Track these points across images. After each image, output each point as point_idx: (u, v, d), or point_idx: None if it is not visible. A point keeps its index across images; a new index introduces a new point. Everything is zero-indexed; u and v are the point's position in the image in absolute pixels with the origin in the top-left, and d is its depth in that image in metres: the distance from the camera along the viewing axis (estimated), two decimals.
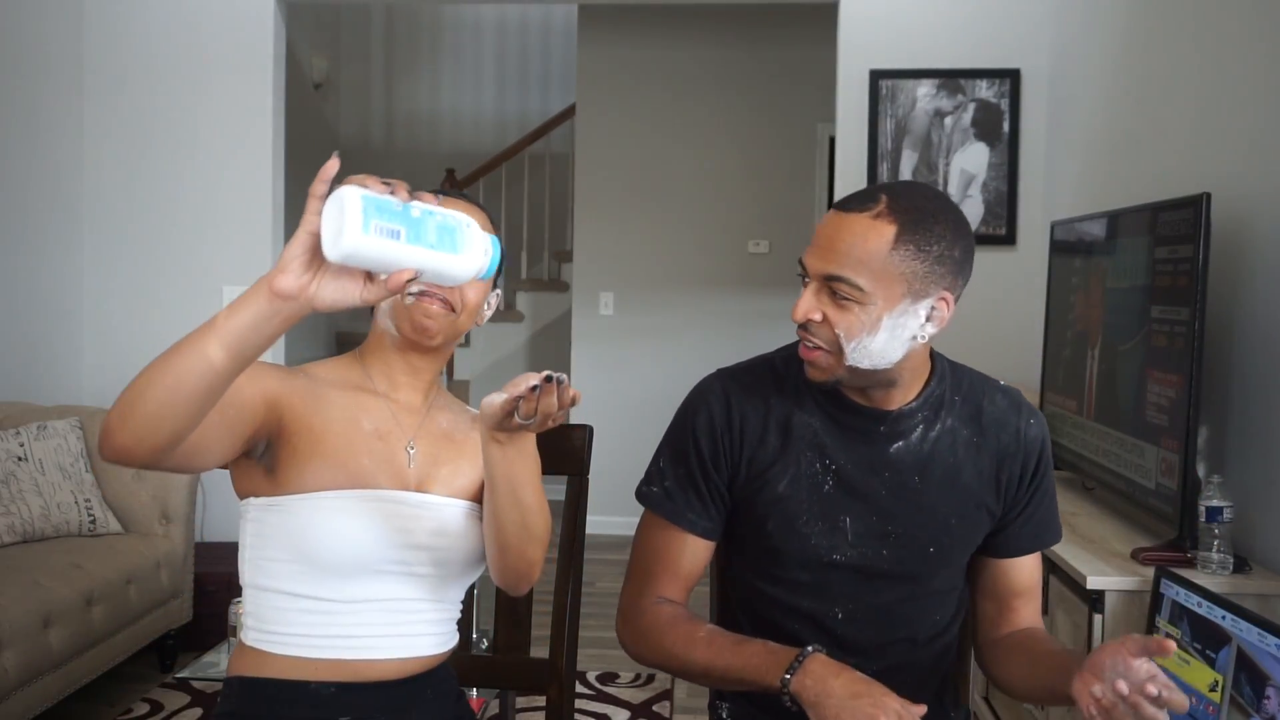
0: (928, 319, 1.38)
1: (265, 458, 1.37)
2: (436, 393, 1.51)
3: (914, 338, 1.38)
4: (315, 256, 1.02)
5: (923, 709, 1.29)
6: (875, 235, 1.34)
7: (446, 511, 1.41)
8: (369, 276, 1.04)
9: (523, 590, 1.46)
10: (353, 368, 1.47)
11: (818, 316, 1.38)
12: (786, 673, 1.34)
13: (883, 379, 1.43)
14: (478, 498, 1.46)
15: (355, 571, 1.35)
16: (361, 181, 1.02)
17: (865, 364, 1.38)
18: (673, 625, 1.49)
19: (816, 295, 1.39)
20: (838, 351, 1.38)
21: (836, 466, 1.47)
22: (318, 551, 1.33)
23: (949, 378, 1.51)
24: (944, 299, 1.38)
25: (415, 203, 1.04)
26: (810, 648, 1.37)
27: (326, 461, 1.35)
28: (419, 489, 1.41)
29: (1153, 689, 1.19)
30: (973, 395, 1.51)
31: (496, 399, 1.22)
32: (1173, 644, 1.21)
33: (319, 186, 1.01)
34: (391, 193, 1.02)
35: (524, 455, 1.30)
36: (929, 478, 1.47)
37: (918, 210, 1.36)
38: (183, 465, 1.19)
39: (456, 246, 1.06)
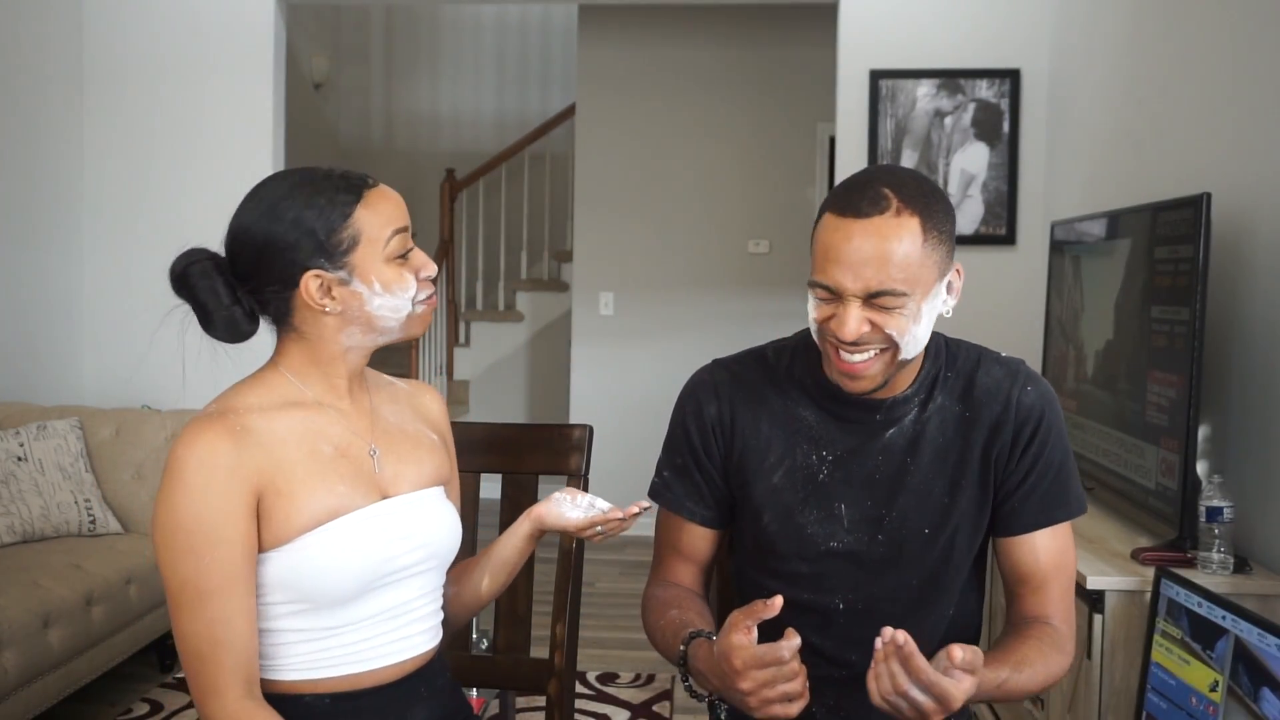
0: (949, 292, 1.41)
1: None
2: (369, 381, 1.49)
3: (940, 314, 1.41)
4: None
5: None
6: (908, 235, 1.32)
7: (422, 505, 1.44)
8: None
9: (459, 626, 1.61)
10: (280, 384, 1.40)
11: (867, 329, 1.36)
12: (681, 661, 1.40)
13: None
14: (438, 481, 1.49)
15: (356, 595, 1.35)
16: None
17: (912, 352, 1.39)
18: (652, 608, 1.55)
19: (861, 310, 1.35)
20: (893, 348, 1.37)
21: (833, 457, 1.48)
22: (316, 591, 1.33)
23: (944, 354, 1.50)
24: (957, 269, 1.41)
25: None
26: (690, 633, 1.39)
27: (304, 506, 1.33)
28: (393, 492, 1.42)
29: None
30: (966, 369, 1.49)
31: (573, 518, 1.46)
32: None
33: None
34: None
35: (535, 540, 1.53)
36: (919, 458, 1.46)
37: (923, 195, 1.35)
38: None
39: None
